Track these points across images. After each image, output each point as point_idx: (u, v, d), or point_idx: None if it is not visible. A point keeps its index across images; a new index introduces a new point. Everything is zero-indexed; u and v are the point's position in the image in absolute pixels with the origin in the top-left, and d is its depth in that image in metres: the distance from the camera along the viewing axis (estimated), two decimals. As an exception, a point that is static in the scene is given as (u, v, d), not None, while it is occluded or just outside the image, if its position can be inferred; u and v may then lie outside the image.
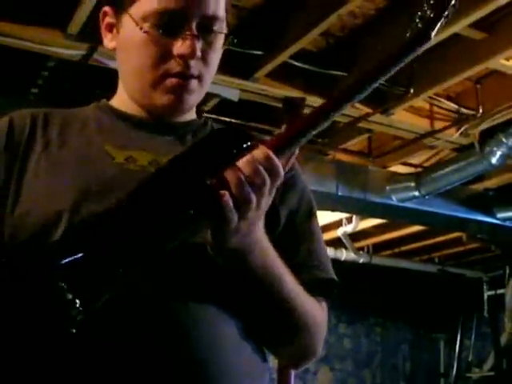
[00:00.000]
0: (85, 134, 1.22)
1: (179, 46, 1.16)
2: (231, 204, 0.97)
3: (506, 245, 6.37)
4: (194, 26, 1.16)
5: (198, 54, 1.16)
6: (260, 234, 1.08)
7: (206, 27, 1.18)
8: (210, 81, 1.24)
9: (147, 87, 1.20)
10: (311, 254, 1.22)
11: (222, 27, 1.21)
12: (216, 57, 1.23)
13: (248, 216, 1.00)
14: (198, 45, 1.16)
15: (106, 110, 1.28)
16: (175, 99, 1.19)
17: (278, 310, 1.14)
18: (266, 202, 1.02)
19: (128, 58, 1.22)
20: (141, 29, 1.16)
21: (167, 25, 1.16)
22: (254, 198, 0.99)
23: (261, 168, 0.99)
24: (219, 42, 1.22)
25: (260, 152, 1.00)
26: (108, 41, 1.25)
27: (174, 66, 1.17)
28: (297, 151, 1.05)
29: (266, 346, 1.19)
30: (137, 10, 1.17)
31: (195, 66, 1.17)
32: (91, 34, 3.23)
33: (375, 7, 3.42)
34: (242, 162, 0.99)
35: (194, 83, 1.19)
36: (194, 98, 1.22)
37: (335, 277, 1.24)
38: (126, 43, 1.21)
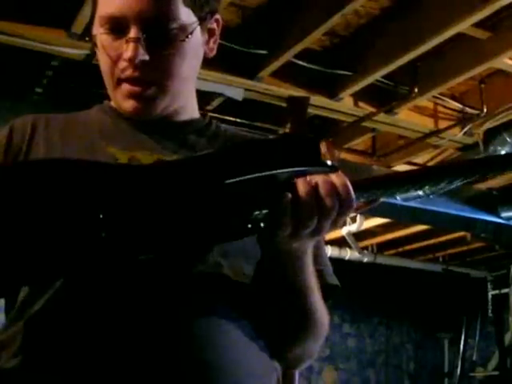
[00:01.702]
0: (87, 137, 1.22)
1: (124, 51, 1.14)
2: (290, 210, 0.95)
3: (511, 244, 6.36)
4: (136, 29, 1.13)
5: (142, 57, 1.13)
6: (306, 258, 1.07)
7: (156, 29, 1.14)
8: (178, 85, 1.20)
9: (112, 91, 1.21)
10: (317, 260, 1.22)
11: (182, 26, 1.16)
12: (174, 59, 1.17)
13: (303, 234, 0.98)
14: (142, 48, 1.13)
15: (108, 111, 1.28)
16: (135, 106, 1.18)
17: (297, 319, 1.15)
18: (325, 228, 0.99)
19: (100, 64, 1.22)
20: (98, 33, 1.17)
21: (115, 30, 1.15)
22: (316, 217, 0.96)
23: (335, 193, 0.97)
24: (181, 46, 1.17)
25: (339, 178, 0.98)
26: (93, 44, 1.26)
27: (122, 69, 1.16)
28: (379, 201, 1.03)
29: (272, 348, 1.19)
30: (96, 16, 1.18)
31: (146, 71, 1.15)
32: (95, 34, 3.24)
33: (380, 6, 3.41)
34: (318, 178, 0.97)
35: (150, 90, 1.17)
36: (160, 104, 1.19)
37: (338, 282, 1.26)
38: (98, 52, 1.21)
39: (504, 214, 5.18)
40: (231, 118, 4.08)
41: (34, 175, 0.98)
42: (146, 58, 1.14)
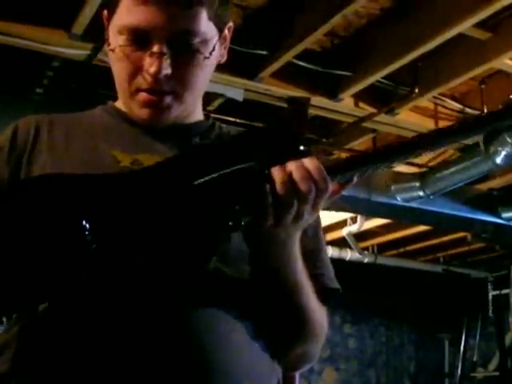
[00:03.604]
0: (91, 139, 1.22)
1: (146, 63, 1.15)
2: (270, 199, 0.98)
3: (511, 244, 6.36)
4: (161, 43, 1.13)
5: (165, 72, 1.14)
6: (295, 248, 1.09)
7: (180, 43, 1.15)
8: (194, 95, 1.22)
9: (127, 98, 1.21)
10: (316, 263, 1.23)
11: (204, 40, 1.17)
12: (196, 71, 1.19)
13: (286, 222, 1.00)
14: (166, 63, 1.14)
15: (112, 112, 1.28)
16: (151, 114, 1.19)
17: (292, 317, 1.15)
18: (308, 214, 1.02)
19: (113, 66, 1.23)
20: (116, 42, 1.17)
21: (137, 41, 1.15)
22: (295, 202, 0.99)
23: (309, 176, 0.99)
24: (202, 60, 1.18)
25: (312, 162, 1.01)
26: (106, 45, 1.25)
27: (142, 81, 1.16)
28: (354, 179, 1.05)
29: (273, 349, 1.18)
30: (115, 22, 1.18)
31: (166, 82, 1.16)
32: (96, 34, 3.24)
33: (380, 7, 3.41)
34: (291, 165, 1.00)
35: (167, 99, 1.18)
36: (174, 112, 1.21)
37: (339, 286, 1.26)
38: (113, 58, 1.21)
39: (504, 215, 5.18)
40: (231, 119, 4.08)
41: (20, 198, 1.01)
42: (169, 71, 1.14)
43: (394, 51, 3.47)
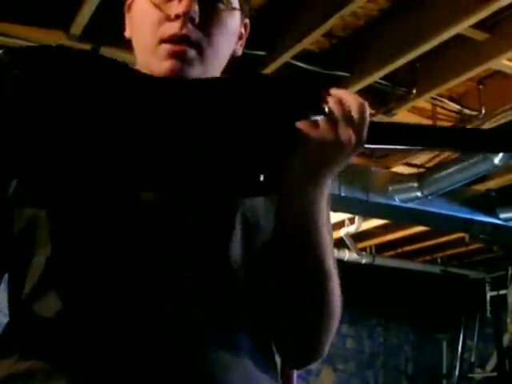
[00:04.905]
0: None
1: (174, 6, 1.13)
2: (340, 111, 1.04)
3: (509, 245, 6.36)
4: None
5: (193, 14, 1.12)
6: (324, 198, 1.09)
7: (207, 1, 1.15)
8: (216, 58, 1.20)
9: (148, 55, 1.17)
10: None
11: (231, 7, 1.17)
12: (221, 30, 1.17)
13: (329, 153, 1.04)
14: (195, 6, 1.12)
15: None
16: (173, 66, 1.14)
17: (313, 276, 1.10)
18: (353, 147, 1.05)
19: (135, 30, 1.21)
20: None
21: None
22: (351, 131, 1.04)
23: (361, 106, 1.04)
24: (227, 19, 1.18)
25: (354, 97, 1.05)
26: (127, 27, 1.24)
27: (168, 28, 1.14)
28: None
29: (285, 336, 1.15)
30: None
31: (192, 31, 1.13)
32: (94, 35, 3.24)
33: (378, 8, 3.42)
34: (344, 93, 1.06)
35: (191, 53, 1.14)
36: (196, 69, 1.16)
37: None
38: (135, 16, 1.20)
39: (502, 215, 5.18)
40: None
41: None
42: (197, 17, 1.12)
43: (392, 52, 3.47)
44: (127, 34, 1.24)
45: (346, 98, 1.04)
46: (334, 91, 1.05)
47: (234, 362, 1.05)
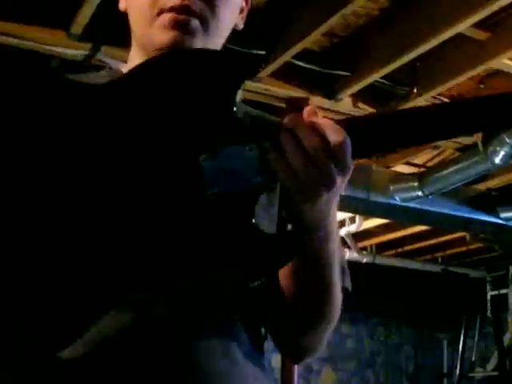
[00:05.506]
0: None
1: None
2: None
3: (509, 245, 6.36)
4: None
5: None
6: (332, 219, 1.00)
7: None
8: (219, 29, 1.15)
9: (147, 28, 1.12)
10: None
11: None
12: (224, 4, 1.13)
13: (317, 185, 0.90)
14: None
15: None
16: (175, 37, 1.09)
17: (319, 291, 1.10)
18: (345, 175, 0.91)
19: (132, 1, 1.16)
20: None
21: None
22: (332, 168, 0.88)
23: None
24: None
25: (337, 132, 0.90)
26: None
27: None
28: None
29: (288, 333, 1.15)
30: None
31: (193, 1, 1.09)
32: (94, 34, 3.24)
33: (379, 7, 3.41)
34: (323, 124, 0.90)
35: (194, 22, 1.09)
36: (197, 41, 1.11)
37: (350, 287, 1.27)
38: None
39: (503, 215, 5.18)
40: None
41: None
42: None
43: (393, 51, 3.47)
44: (122, 6, 1.20)
45: (300, 127, 0.91)
46: (289, 119, 0.93)
47: (220, 349, 1.04)
